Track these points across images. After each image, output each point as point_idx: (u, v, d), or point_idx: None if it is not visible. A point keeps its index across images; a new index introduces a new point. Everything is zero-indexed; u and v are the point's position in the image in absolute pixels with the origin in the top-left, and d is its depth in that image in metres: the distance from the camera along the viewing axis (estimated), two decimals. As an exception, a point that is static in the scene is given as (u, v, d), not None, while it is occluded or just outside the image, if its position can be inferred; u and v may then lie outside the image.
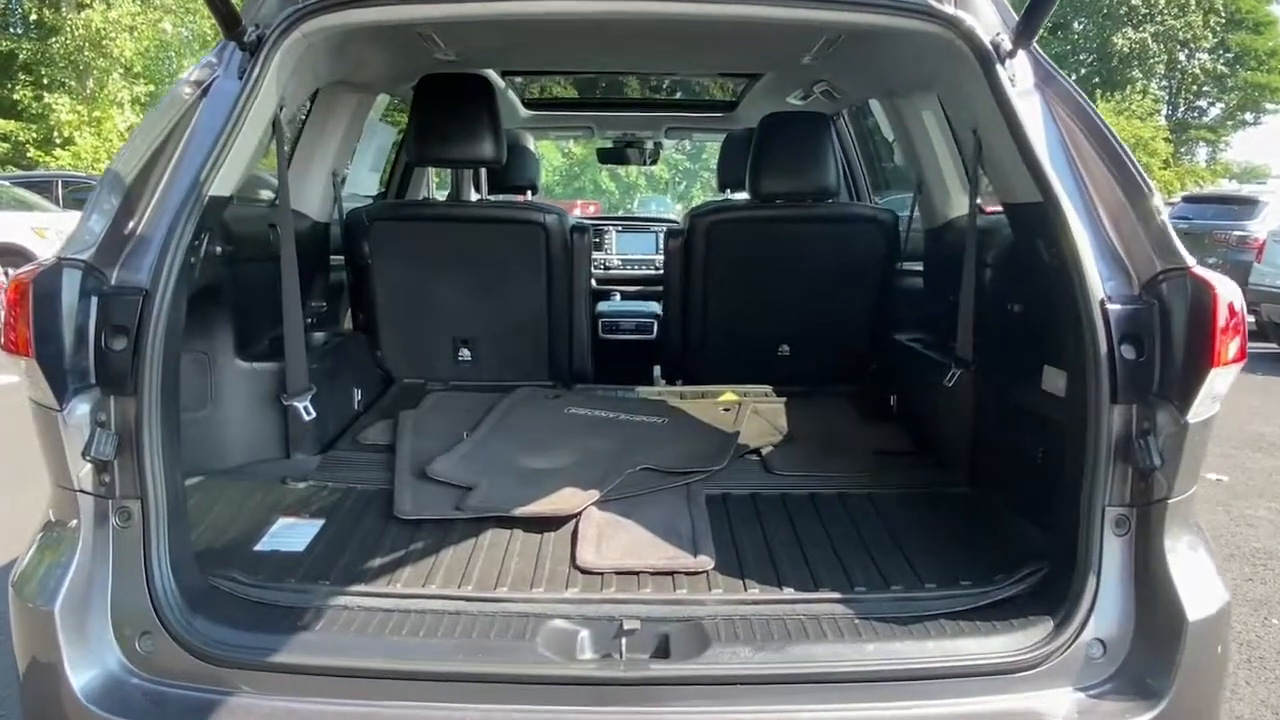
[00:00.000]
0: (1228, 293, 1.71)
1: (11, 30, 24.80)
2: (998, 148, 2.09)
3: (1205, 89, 41.80)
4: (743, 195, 4.28)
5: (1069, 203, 1.81)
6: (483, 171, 3.93)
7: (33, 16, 24.12)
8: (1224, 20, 39.18)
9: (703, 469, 2.46)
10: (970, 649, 1.73)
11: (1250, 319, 7.12)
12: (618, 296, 5.22)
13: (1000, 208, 2.36)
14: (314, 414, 2.47)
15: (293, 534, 2.13)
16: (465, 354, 3.32)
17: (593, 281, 3.74)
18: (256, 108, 1.98)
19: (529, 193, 4.52)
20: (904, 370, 2.96)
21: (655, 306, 5.07)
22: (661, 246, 5.47)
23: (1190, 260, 1.74)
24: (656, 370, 4.25)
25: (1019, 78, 1.97)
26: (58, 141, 22.12)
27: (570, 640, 1.72)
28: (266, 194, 2.81)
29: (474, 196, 4.14)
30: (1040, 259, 2.01)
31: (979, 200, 2.48)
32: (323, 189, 3.13)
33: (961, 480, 2.45)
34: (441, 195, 5.04)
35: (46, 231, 11.40)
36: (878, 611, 1.83)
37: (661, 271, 5.43)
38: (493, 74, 3.54)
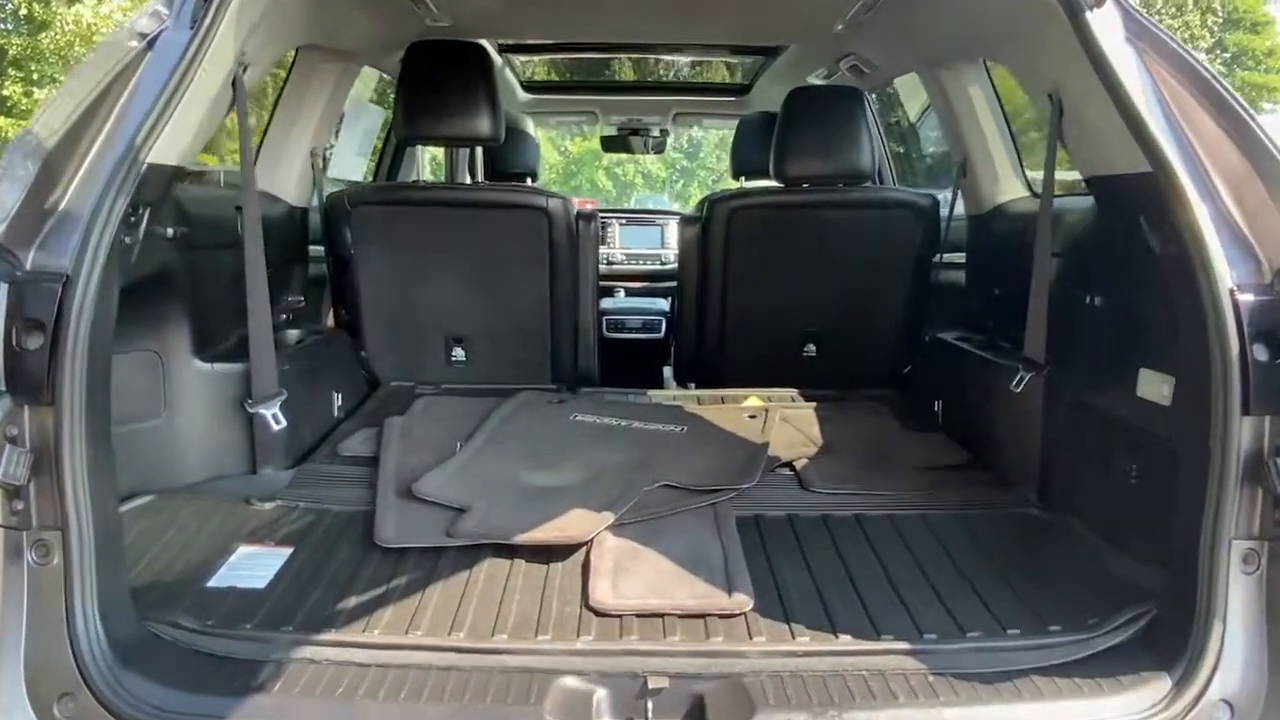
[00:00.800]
0: None
1: (1, 25, 24.43)
2: (1087, 111, 1.78)
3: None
4: (758, 184, 3.98)
5: (1185, 171, 1.50)
6: (479, 155, 3.61)
7: (23, 11, 23.74)
8: (1221, 20, 38.97)
9: (731, 486, 2.15)
10: (1074, 714, 1.42)
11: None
12: (622, 293, 4.91)
13: (1074, 187, 2.05)
14: (284, 423, 2.16)
15: (254, 566, 1.81)
16: (459, 354, 3.00)
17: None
18: (210, 63, 1.67)
19: (529, 181, 4.20)
20: (953, 373, 2.64)
21: (663, 304, 4.76)
22: (667, 240, 5.16)
23: (1344, 240, 1.43)
24: (667, 372, 3.94)
25: (1108, 30, 1.66)
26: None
27: (584, 703, 1.42)
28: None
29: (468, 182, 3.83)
30: (1139, 240, 1.70)
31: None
32: (300, 170, 2.81)
33: (1030, 500, 2.14)
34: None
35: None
36: (955, 666, 1.52)
37: (667, 266, 5.15)
38: (489, 48, 3.23)
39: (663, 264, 5.15)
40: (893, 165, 4.20)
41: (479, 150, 3.55)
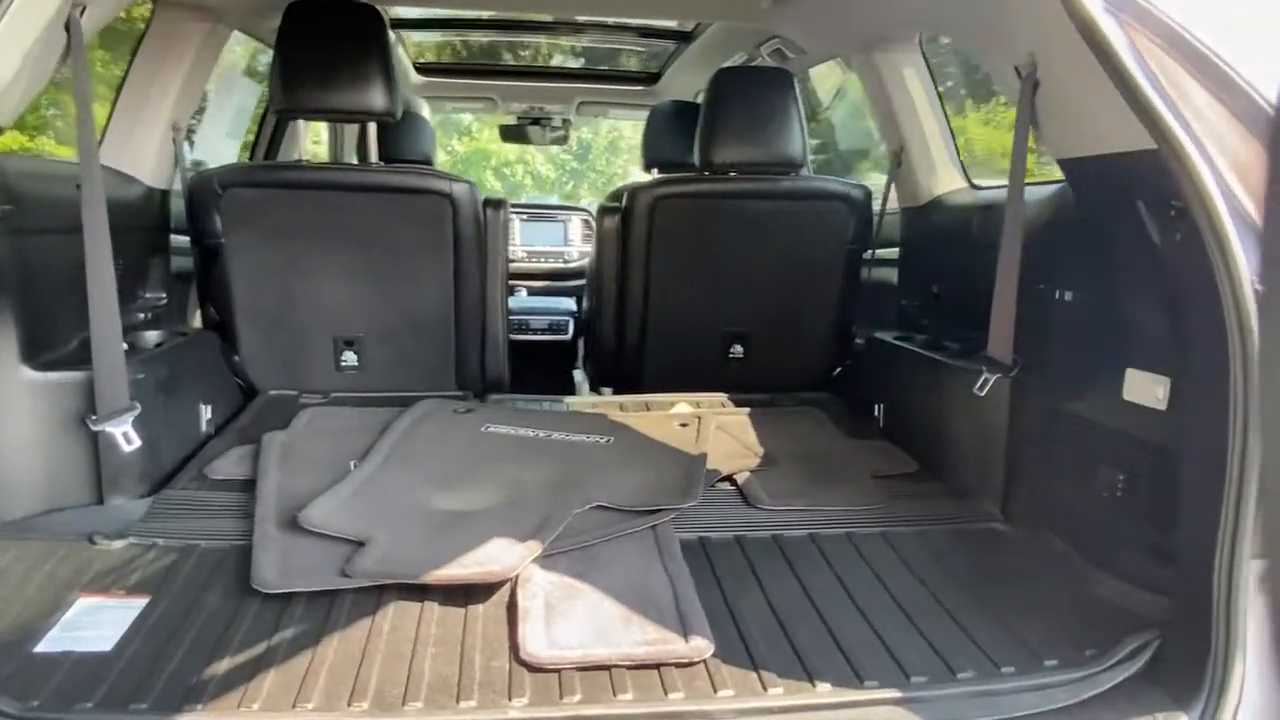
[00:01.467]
0: None
1: None
2: (1068, 86, 1.61)
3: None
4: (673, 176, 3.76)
5: (1194, 149, 1.34)
6: (372, 136, 3.25)
7: None
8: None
9: (671, 505, 1.90)
10: None
11: None
12: (524, 292, 4.63)
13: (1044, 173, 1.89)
14: (137, 442, 1.80)
15: (98, 623, 1.46)
16: (350, 358, 2.66)
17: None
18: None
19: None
20: (897, 375, 2.47)
21: (569, 303, 4.50)
22: (570, 237, 4.90)
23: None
24: (578, 376, 3.67)
25: None
26: None
27: None
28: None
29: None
30: (1125, 229, 1.54)
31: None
32: (158, 146, 2.42)
33: (992, 514, 1.97)
34: None
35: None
36: (953, 716, 1.31)
37: (571, 265, 4.88)
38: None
39: (566, 262, 4.89)
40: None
41: (372, 132, 3.17)
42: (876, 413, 2.55)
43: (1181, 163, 1.32)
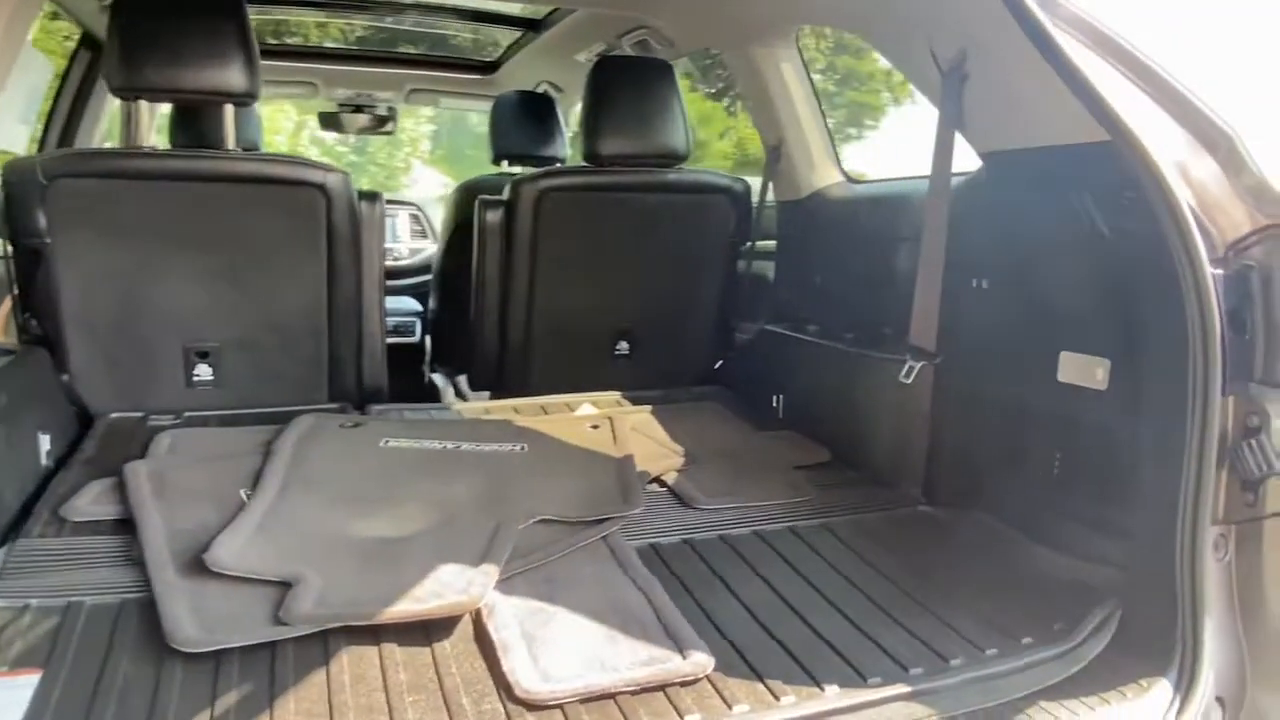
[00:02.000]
0: None
1: None
2: (1002, 79, 1.66)
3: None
4: (520, 169, 3.64)
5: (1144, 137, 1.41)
6: (229, 121, 2.83)
7: None
8: (832, 45, 44.46)
9: (619, 513, 1.81)
10: None
11: None
12: None
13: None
14: None
15: (-22, 713, 1.18)
16: (204, 372, 2.35)
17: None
18: None
19: None
20: (798, 366, 2.48)
21: (411, 303, 4.26)
22: (399, 233, 4.65)
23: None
24: (438, 380, 3.46)
25: None
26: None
27: None
28: None
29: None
30: (1049, 218, 1.62)
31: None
32: None
33: (916, 497, 2.02)
34: None
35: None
36: (962, 704, 1.32)
37: (401, 262, 4.62)
38: None
39: (396, 259, 4.62)
40: None
41: (229, 117, 2.73)
42: (775, 404, 2.57)
43: (1138, 154, 1.38)
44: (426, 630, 1.42)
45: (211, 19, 2.09)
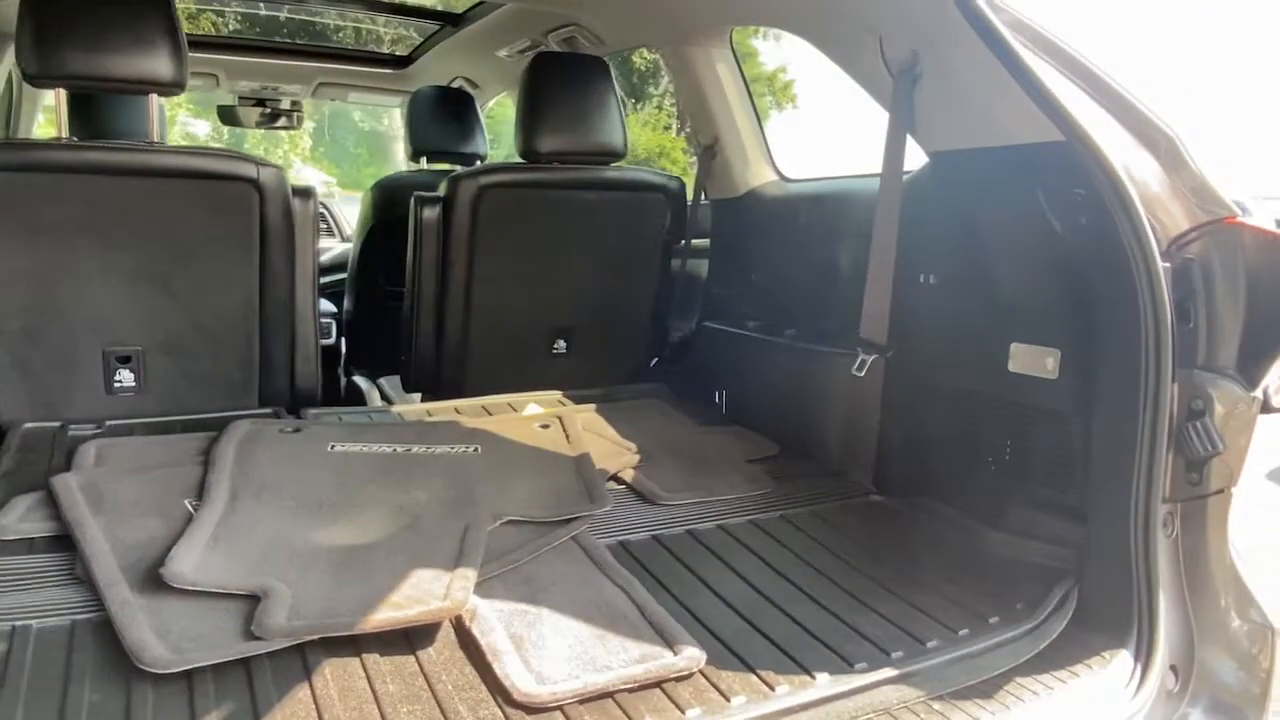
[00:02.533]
0: None
1: None
2: (950, 81, 1.72)
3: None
4: (442, 166, 3.57)
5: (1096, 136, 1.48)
6: (154, 112, 2.65)
7: None
8: (722, 51, 45.15)
9: (586, 512, 1.79)
10: (1073, 707, 1.34)
11: None
12: None
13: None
14: None
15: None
16: (125, 377, 2.22)
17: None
18: None
19: None
20: (741, 361, 2.51)
21: (326, 304, 4.12)
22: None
23: (1238, 209, 1.50)
24: (362, 383, 3.36)
25: None
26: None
27: None
28: None
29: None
30: (1004, 214, 1.69)
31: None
32: None
33: (867, 487, 2.07)
34: None
35: None
36: (947, 683, 1.37)
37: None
38: None
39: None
40: None
41: (155, 108, 2.55)
42: (718, 399, 2.59)
43: (1092, 153, 1.46)
44: (409, 638, 1.38)
45: (135, 3, 1.97)
